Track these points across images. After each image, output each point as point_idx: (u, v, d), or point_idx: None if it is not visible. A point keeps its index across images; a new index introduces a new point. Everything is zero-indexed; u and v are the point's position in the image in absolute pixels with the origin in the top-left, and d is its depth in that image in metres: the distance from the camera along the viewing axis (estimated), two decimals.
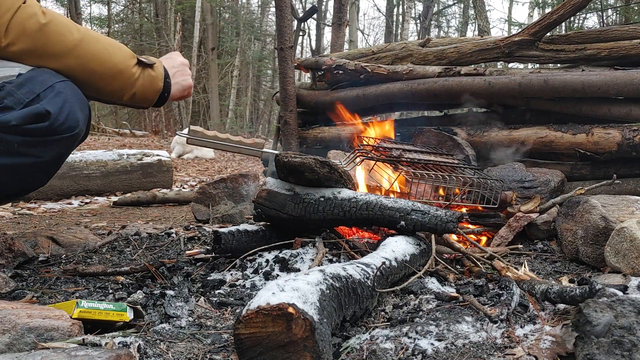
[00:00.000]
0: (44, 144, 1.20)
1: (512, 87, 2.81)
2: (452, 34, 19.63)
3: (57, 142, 1.21)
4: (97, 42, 1.31)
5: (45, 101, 1.17)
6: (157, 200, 3.50)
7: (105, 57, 1.31)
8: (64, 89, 1.22)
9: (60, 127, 1.20)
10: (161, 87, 1.45)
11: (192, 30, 16.87)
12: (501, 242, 1.85)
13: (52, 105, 1.18)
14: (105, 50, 1.31)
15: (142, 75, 1.39)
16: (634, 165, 2.61)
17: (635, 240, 1.36)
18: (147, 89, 1.41)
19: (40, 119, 1.16)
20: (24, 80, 1.18)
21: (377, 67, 3.44)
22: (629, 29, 2.83)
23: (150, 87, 1.42)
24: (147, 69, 1.41)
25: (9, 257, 1.54)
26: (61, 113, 1.19)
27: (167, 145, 9.96)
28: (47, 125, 1.17)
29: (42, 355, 0.80)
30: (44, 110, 1.16)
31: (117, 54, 1.34)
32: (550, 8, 10.17)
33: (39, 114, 1.16)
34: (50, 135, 1.19)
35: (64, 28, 1.24)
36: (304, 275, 1.02)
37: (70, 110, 1.22)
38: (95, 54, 1.29)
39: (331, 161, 1.59)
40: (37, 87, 1.18)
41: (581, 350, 0.91)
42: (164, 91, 1.47)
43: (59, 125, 1.19)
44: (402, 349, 0.99)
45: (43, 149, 1.20)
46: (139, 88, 1.39)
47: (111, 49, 1.33)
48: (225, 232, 1.59)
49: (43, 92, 1.18)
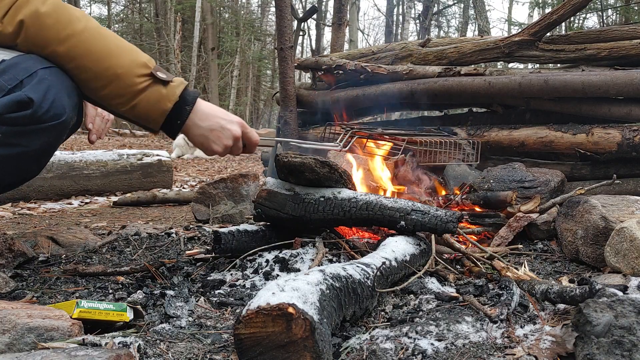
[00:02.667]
0: (29, 133, 1.14)
1: (512, 87, 2.82)
2: (452, 34, 19.63)
3: (43, 130, 1.15)
4: (101, 40, 1.21)
5: (28, 88, 1.12)
6: (157, 200, 3.50)
7: (104, 56, 1.21)
8: (49, 75, 1.16)
9: (45, 115, 1.14)
10: (168, 109, 1.25)
11: (192, 30, 16.88)
12: (501, 242, 1.85)
13: (34, 92, 1.12)
14: (107, 50, 1.21)
15: (149, 89, 1.23)
16: (634, 165, 2.61)
17: (635, 240, 1.36)
18: (151, 105, 1.24)
19: (23, 106, 1.10)
20: (7, 67, 1.13)
21: (377, 67, 3.44)
22: (629, 29, 2.83)
23: (156, 105, 1.24)
24: (158, 85, 1.24)
25: (9, 257, 1.54)
26: (45, 100, 1.13)
27: (168, 145, 9.97)
28: (31, 113, 1.11)
29: (42, 355, 0.80)
30: (26, 97, 1.10)
31: (123, 57, 1.22)
32: (550, 8, 10.17)
33: (20, 101, 1.10)
34: (34, 124, 1.13)
35: (65, 18, 1.18)
36: (304, 275, 1.02)
37: (56, 97, 1.15)
38: (92, 50, 1.20)
39: (331, 161, 1.59)
40: (20, 74, 1.13)
41: (581, 350, 0.91)
42: (176, 117, 1.28)
43: (43, 113, 1.13)
44: (402, 349, 0.99)
45: (29, 139, 1.14)
46: (141, 102, 1.23)
47: (117, 50, 1.22)
48: (225, 232, 1.59)
49: (26, 79, 1.12)
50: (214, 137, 1.34)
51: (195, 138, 1.34)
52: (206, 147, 1.35)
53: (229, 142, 1.36)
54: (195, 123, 1.31)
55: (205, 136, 1.33)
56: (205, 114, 1.33)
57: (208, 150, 1.36)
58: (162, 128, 1.31)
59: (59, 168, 3.60)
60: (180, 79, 1.29)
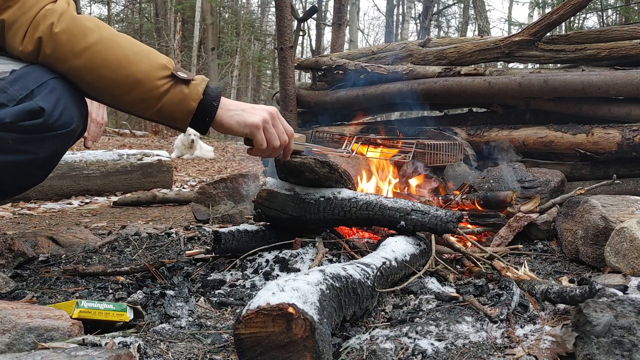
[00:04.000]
0: (39, 140, 1.18)
1: (512, 87, 2.82)
2: (452, 34, 19.62)
3: (52, 138, 1.20)
4: (116, 48, 1.21)
5: (39, 98, 1.16)
6: (157, 200, 3.50)
7: (122, 64, 1.21)
8: (58, 85, 1.20)
9: (55, 123, 1.18)
10: (193, 108, 1.25)
11: (192, 30, 16.88)
12: (501, 242, 1.85)
13: (46, 102, 1.16)
14: (124, 57, 1.21)
15: (171, 91, 1.23)
16: (634, 165, 2.61)
17: (635, 240, 1.36)
18: (175, 106, 1.24)
19: (34, 115, 1.15)
20: (17, 77, 1.16)
21: (377, 67, 3.44)
22: (629, 29, 2.83)
23: (180, 105, 1.24)
24: (180, 85, 1.24)
25: (9, 257, 1.54)
26: (55, 109, 1.17)
27: (168, 145, 9.96)
28: (42, 122, 1.16)
29: (42, 355, 0.80)
30: (38, 107, 1.15)
31: (142, 62, 1.22)
32: (550, 8, 10.17)
33: (32, 110, 1.14)
34: (44, 132, 1.17)
35: (79, 32, 1.19)
36: (304, 275, 1.02)
37: (65, 107, 1.20)
38: (109, 59, 1.20)
39: (331, 161, 1.59)
40: (30, 84, 1.16)
41: (581, 351, 0.91)
42: (204, 115, 1.28)
43: (54, 121, 1.18)
44: (402, 349, 0.99)
45: (38, 146, 1.19)
46: (165, 104, 1.23)
47: (136, 57, 1.22)
48: (225, 232, 1.59)
49: (37, 89, 1.16)
50: (248, 112, 1.32)
51: (229, 122, 1.30)
52: (245, 120, 1.31)
53: (265, 114, 1.33)
54: (224, 113, 1.30)
55: (239, 113, 1.31)
56: (232, 102, 1.32)
57: (247, 123, 1.31)
58: (190, 125, 1.30)
59: (59, 168, 3.59)
60: (201, 77, 1.28)
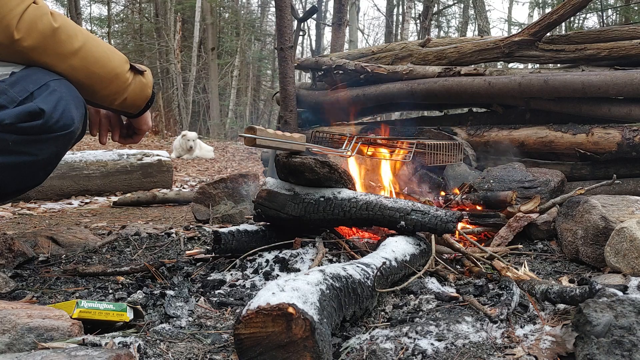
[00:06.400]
0: (39, 142, 1.19)
1: (512, 87, 2.82)
2: (452, 34, 19.61)
3: (52, 140, 1.21)
4: (98, 46, 1.32)
5: (39, 99, 1.17)
6: (157, 200, 3.50)
7: (105, 60, 1.32)
8: (58, 86, 1.22)
9: (55, 125, 1.19)
10: (150, 94, 1.46)
11: (192, 30, 16.87)
12: (501, 242, 1.85)
13: (46, 104, 1.17)
14: (104, 54, 1.33)
15: (134, 81, 1.40)
16: (634, 165, 2.61)
17: (635, 240, 1.36)
18: (137, 95, 1.42)
19: (34, 117, 1.16)
20: (18, 79, 1.17)
21: (377, 67, 3.44)
22: (629, 29, 2.83)
23: (141, 93, 1.43)
24: (139, 76, 1.42)
25: (9, 257, 1.54)
26: (55, 111, 1.19)
27: (167, 146, 9.96)
28: (42, 124, 1.17)
29: (42, 355, 0.80)
30: (38, 108, 1.16)
31: (115, 58, 1.35)
32: (550, 8, 10.17)
33: (32, 112, 1.15)
34: (45, 134, 1.18)
35: (72, 31, 1.26)
36: (304, 275, 1.02)
37: (65, 108, 1.21)
38: (97, 56, 1.30)
39: (331, 161, 1.59)
40: (30, 85, 1.17)
41: (581, 350, 0.91)
42: (151, 99, 1.48)
43: (54, 123, 1.19)
44: (402, 349, 0.99)
45: (38, 147, 1.19)
46: (130, 93, 1.40)
47: (110, 53, 1.35)
48: (225, 232, 1.59)
49: (37, 90, 1.17)
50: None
51: (147, 115, 1.54)
52: (148, 121, 1.57)
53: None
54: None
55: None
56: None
57: (149, 122, 1.58)
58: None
59: (59, 168, 3.59)
60: (143, 66, 1.47)
